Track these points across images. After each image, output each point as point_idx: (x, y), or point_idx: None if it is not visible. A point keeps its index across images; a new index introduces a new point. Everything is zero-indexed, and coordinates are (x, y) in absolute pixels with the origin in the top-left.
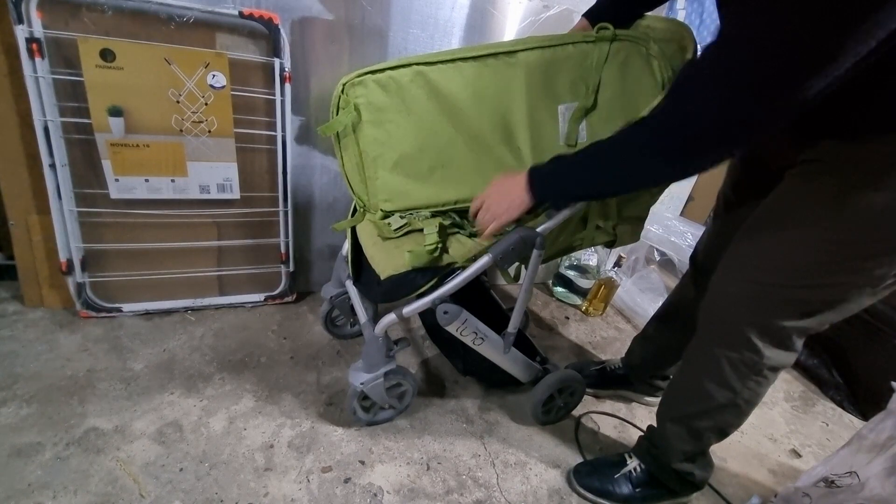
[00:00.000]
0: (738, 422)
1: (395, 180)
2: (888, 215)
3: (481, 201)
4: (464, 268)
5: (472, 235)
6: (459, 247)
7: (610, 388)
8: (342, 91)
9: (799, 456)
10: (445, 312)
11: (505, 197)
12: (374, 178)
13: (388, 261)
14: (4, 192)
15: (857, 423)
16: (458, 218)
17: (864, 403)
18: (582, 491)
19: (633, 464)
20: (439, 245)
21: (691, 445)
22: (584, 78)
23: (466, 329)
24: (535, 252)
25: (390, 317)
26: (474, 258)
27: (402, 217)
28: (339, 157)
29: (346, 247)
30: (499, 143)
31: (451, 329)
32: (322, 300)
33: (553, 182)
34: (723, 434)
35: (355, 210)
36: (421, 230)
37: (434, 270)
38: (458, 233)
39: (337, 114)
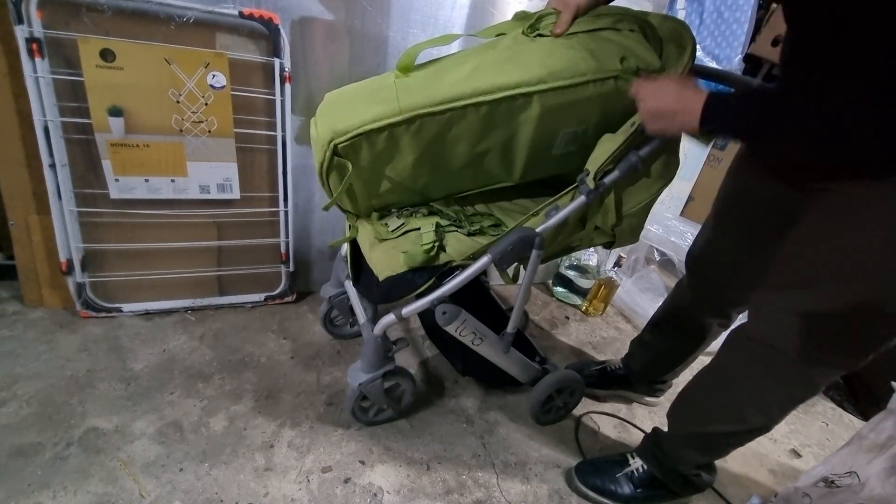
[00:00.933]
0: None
1: (389, 197)
2: None
3: (639, 88)
4: (462, 267)
5: (470, 234)
6: (457, 245)
7: (610, 388)
8: (334, 152)
9: (799, 456)
10: (444, 313)
11: (674, 105)
12: (366, 201)
13: (385, 261)
14: (4, 192)
15: (857, 423)
16: (455, 215)
17: (864, 403)
18: (583, 489)
19: (635, 464)
20: (436, 244)
21: (707, 458)
22: (597, 113)
23: (465, 329)
24: (534, 252)
25: (389, 317)
26: (473, 257)
27: (398, 217)
28: (326, 190)
29: (346, 247)
30: (495, 156)
31: (450, 329)
32: (321, 300)
33: (727, 120)
34: (739, 446)
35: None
36: (418, 229)
37: (432, 270)
38: (457, 231)
39: (327, 172)
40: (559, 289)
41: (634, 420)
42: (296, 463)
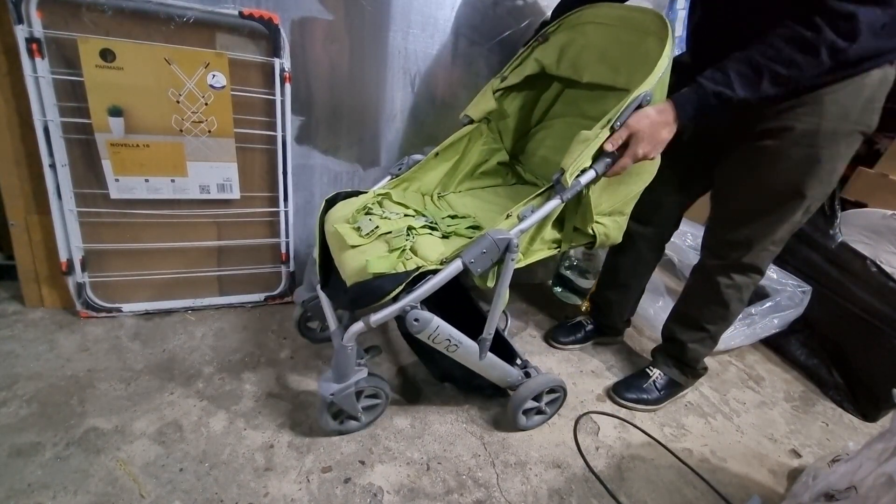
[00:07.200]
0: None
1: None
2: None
3: (628, 133)
4: (434, 272)
5: (445, 236)
6: (429, 249)
7: (587, 341)
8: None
9: (799, 456)
10: (416, 320)
11: (658, 128)
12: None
13: (353, 266)
14: (4, 192)
15: (857, 422)
16: (431, 217)
17: (864, 403)
18: (624, 402)
19: (655, 374)
20: (404, 249)
21: (705, 348)
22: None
23: (439, 336)
24: (507, 256)
25: (358, 325)
26: (445, 262)
27: (371, 220)
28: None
29: (316, 250)
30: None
31: (423, 337)
32: (295, 305)
33: (694, 104)
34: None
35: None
36: (390, 232)
37: (403, 275)
38: (431, 234)
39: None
40: (558, 289)
41: (634, 420)
42: (296, 463)
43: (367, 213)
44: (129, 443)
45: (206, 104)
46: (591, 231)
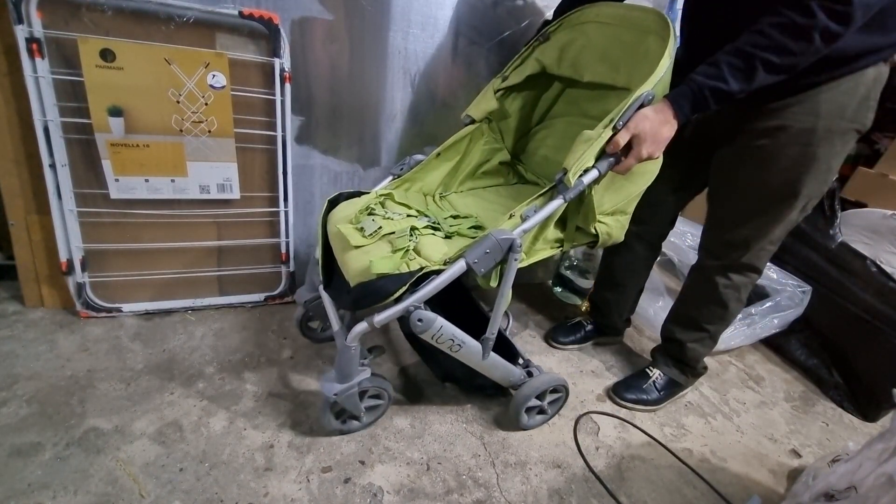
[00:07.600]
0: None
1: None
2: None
3: (630, 136)
4: (438, 272)
5: (447, 237)
6: (432, 249)
7: (588, 341)
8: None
9: (799, 456)
10: (420, 320)
11: (658, 127)
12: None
13: (357, 267)
14: (4, 192)
15: (857, 422)
16: (434, 219)
17: (864, 403)
18: (624, 403)
19: (654, 374)
20: (408, 250)
21: (704, 348)
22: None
23: (442, 336)
24: (511, 256)
25: (362, 325)
26: (448, 262)
27: (374, 220)
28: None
29: (318, 250)
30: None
31: (426, 337)
32: (297, 305)
33: (692, 99)
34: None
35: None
36: (394, 233)
37: (406, 276)
38: (434, 234)
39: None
40: (558, 289)
41: (634, 420)
42: (296, 463)
43: (369, 214)
44: (129, 443)
45: (206, 104)
46: (593, 230)
